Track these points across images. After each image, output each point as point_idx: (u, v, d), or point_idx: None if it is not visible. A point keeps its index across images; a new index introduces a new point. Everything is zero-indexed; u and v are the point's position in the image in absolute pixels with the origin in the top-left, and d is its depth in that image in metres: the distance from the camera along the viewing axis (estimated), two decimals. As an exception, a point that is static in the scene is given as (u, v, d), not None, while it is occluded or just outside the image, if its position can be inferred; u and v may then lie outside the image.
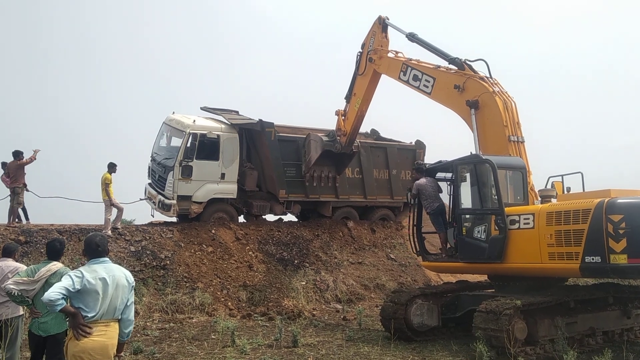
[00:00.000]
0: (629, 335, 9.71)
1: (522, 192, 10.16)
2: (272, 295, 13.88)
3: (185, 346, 9.77)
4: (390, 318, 10.22)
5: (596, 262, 8.20)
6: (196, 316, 12.44)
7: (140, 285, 12.77)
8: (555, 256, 8.76)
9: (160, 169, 15.91)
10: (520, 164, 10.28)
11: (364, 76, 14.75)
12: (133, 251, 13.62)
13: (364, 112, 15.36)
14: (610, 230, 8.04)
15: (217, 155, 15.72)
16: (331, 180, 17.34)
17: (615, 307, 9.57)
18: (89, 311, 4.51)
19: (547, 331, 8.80)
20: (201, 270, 13.87)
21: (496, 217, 9.64)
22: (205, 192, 15.52)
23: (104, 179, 14.04)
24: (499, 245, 9.47)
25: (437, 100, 12.33)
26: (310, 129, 17.68)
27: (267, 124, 16.30)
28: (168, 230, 14.80)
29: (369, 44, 14.56)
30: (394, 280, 16.24)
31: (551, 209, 9.01)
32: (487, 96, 11.02)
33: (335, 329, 11.54)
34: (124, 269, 4.89)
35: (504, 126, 10.68)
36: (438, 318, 10.52)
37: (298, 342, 9.74)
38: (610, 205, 8.14)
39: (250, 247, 15.33)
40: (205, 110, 17.35)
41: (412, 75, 12.88)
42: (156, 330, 11.08)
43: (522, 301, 8.60)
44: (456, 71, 11.91)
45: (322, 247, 16.43)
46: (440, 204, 11.18)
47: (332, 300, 14.67)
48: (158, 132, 16.96)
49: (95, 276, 4.57)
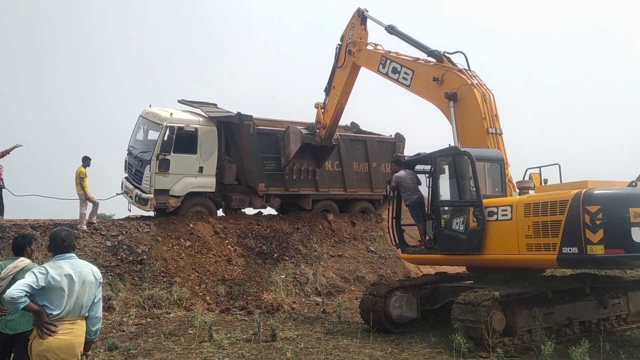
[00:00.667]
0: (606, 325, 9.79)
1: (500, 184, 10.17)
2: (251, 289, 13.77)
3: (162, 342, 9.63)
4: (369, 310, 10.18)
5: (573, 253, 8.23)
6: (174, 311, 12.28)
7: (117, 281, 12.57)
8: (533, 247, 8.78)
9: (137, 163, 15.66)
10: (499, 156, 10.28)
11: (343, 69, 14.63)
12: (109, 246, 13.39)
13: (344, 105, 15.26)
14: (587, 221, 8.07)
15: (195, 149, 15.51)
16: (311, 173, 17.25)
17: (592, 297, 9.64)
18: (54, 309, 4.36)
19: (525, 322, 8.83)
20: (179, 264, 13.70)
21: (474, 209, 9.63)
22: (183, 185, 15.31)
23: (78, 173, 13.76)
24: (477, 237, 9.47)
25: (416, 93, 12.28)
26: (290, 121, 17.53)
27: (245, 116, 16.14)
28: (145, 224, 14.58)
29: (348, 36, 14.45)
30: (374, 272, 16.23)
31: (529, 200, 9.02)
32: (465, 88, 10.99)
33: (315, 322, 11.47)
34: (91, 265, 4.74)
35: (483, 118, 10.67)
36: (417, 310, 10.51)
37: (277, 336, 9.64)
38: (587, 196, 8.17)
39: (229, 241, 15.18)
40: (183, 103, 17.11)
41: (391, 68, 12.81)
42: (132, 326, 10.91)
43: (500, 292, 8.61)
44: (435, 64, 11.86)
45: (302, 240, 16.35)
46: (419, 196, 11.17)
47: (312, 293, 14.59)
48: (135, 125, 16.69)
49: (60, 272, 4.42)
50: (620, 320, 10.11)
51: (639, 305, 10.33)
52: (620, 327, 10.01)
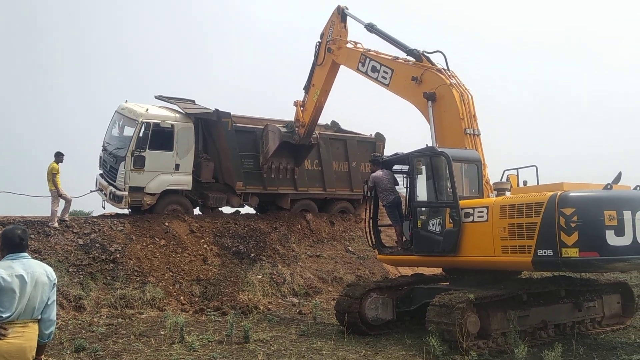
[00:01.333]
0: (580, 328, 9.76)
1: (477, 185, 10.08)
2: (226, 290, 13.55)
3: (132, 343, 9.40)
4: (344, 312, 10.06)
5: (548, 255, 8.16)
6: (146, 311, 12.04)
7: (88, 280, 12.30)
8: (508, 249, 8.70)
9: (111, 159, 15.37)
10: (476, 157, 10.20)
11: (323, 67, 14.50)
12: (81, 244, 13.09)
13: (323, 103, 15.14)
14: (562, 224, 8.01)
15: (171, 146, 15.28)
16: (290, 172, 17.11)
17: (566, 300, 9.60)
18: (4, 311, 4.13)
19: (500, 324, 8.76)
20: (153, 264, 13.44)
21: (451, 210, 9.54)
22: (158, 183, 15.07)
23: (50, 169, 13.47)
24: (453, 239, 9.38)
25: (395, 92, 12.18)
26: (268, 119, 17.38)
27: (223, 114, 15.93)
28: (119, 222, 14.30)
29: (327, 34, 14.33)
30: (352, 273, 16.11)
31: (505, 202, 8.95)
32: (444, 88, 10.91)
33: (290, 324, 11.31)
34: (45, 265, 4.51)
35: (461, 119, 10.58)
36: (393, 312, 10.42)
37: (250, 338, 9.45)
38: (562, 199, 8.11)
39: (205, 240, 14.95)
40: (160, 99, 16.83)
41: (371, 67, 12.70)
42: (103, 327, 10.66)
43: (475, 295, 8.53)
44: (414, 63, 11.76)
45: (280, 240, 16.17)
46: (396, 196, 11.07)
47: (289, 294, 14.43)
48: (110, 121, 16.38)
49: (11, 273, 4.19)
50: (595, 323, 10.09)
51: (613, 308, 10.33)
52: (595, 330, 9.99)
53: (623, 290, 10.62)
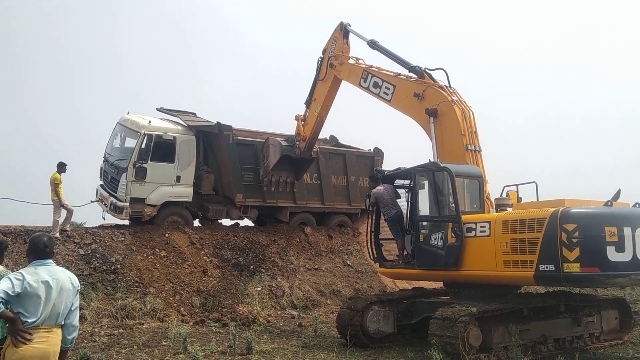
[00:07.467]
0: (579, 343, 9.88)
1: (478, 200, 10.25)
2: (226, 301, 13.60)
3: (135, 353, 9.43)
4: (346, 325, 10.14)
5: (550, 270, 8.30)
6: (147, 322, 12.06)
7: (89, 290, 12.32)
8: (510, 264, 8.84)
9: (113, 170, 15.43)
10: (477, 173, 10.38)
11: (325, 82, 14.67)
12: (82, 254, 13.12)
13: (324, 118, 15.28)
14: (564, 239, 8.16)
15: (173, 158, 15.36)
16: (289, 185, 17.19)
17: (566, 314, 9.73)
18: (30, 316, 4.23)
19: (501, 338, 8.86)
20: (153, 274, 13.47)
21: (453, 224, 9.67)
22: (159, 194, 15.12)
23: (53, 179, 13.51)
24: (456, 253, 9.50)
25: (397, 108, 12.35)
26: (269, 133, 17.49)
27: (225, 127, 16.06)
28: (120, 233, 14.34)
29: (330, 50, 14.51)
30: (350, 286, 16.19)
31: (507, 217, 9.10)
32: (446, 105, 11.09)
33: (291, 336, 11.37)
34: (69, 272, 4.62)
35: (462, 135, 10.76)
36: (394, 325, 10.49)
37: (252, 349, 9.51)
38: (564, 215, 8.27)
39: (205, 251, 15.01)
40: (162, 111, 16.96)
41: (373, 83, 12.88)
42: (105, 337, 10.68)
43: (477, 308, 8.64)
44: (416, 79, 11.96)
45: (279, 253, 16.25)
46: (397, 210, 11.19)
47: (288, 306, 14.48)
48: (112, 132, 16.47)
49: (37, 279, 4.29)
50: (593, 338, 10.21)
51: (611, 323, 10.45)
52: (594, 345, 10.12)
53: (621, 306, 10.75)
